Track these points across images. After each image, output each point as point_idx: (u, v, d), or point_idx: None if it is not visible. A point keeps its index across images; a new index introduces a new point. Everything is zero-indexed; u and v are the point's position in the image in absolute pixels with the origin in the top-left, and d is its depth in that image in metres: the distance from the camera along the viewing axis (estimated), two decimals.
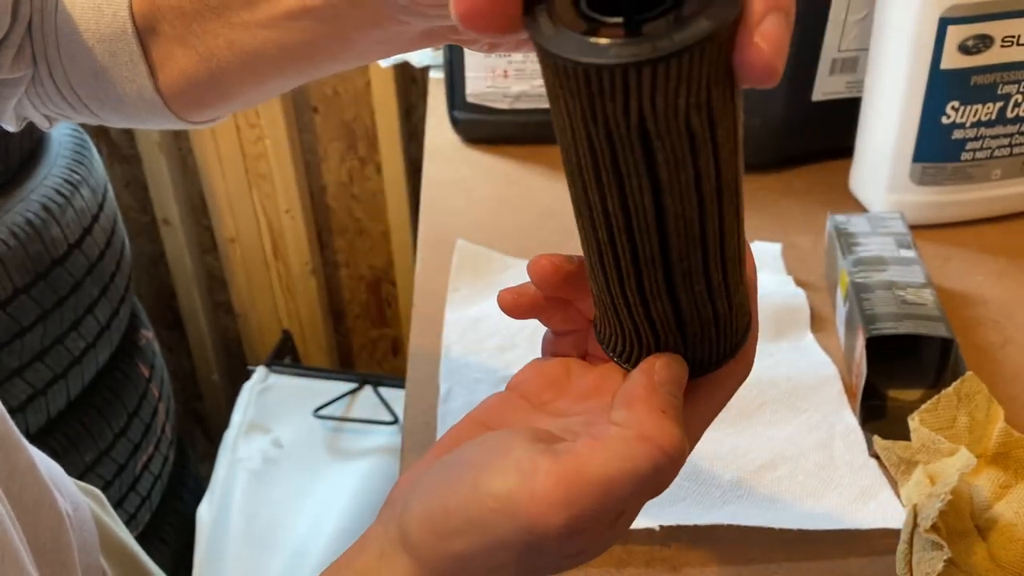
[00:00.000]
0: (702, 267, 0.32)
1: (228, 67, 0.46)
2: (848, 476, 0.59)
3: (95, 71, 0.48)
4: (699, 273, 0.32)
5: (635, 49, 0.26)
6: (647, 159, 0.29)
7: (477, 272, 0.77)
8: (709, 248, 0.32)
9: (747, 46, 0.27)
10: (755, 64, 0.27)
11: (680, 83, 0.27)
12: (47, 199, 1.04)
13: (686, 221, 0.31)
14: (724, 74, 0.28)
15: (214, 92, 0.48)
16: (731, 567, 0.54)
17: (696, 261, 0.32)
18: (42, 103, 0.51)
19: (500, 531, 0.32)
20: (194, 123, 0.51)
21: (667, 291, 0.33)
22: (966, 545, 0.51)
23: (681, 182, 0.30)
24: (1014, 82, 0.76)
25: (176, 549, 1.27)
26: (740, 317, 0.36)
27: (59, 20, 0.47)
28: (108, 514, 0.63)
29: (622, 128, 0.28)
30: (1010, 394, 0.64)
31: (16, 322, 0.99)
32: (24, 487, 0.46)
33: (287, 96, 1.41)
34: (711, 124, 0.28)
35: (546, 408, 0.40)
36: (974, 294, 0.74)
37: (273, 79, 0.47)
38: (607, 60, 0.27)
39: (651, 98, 0.27)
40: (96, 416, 1.12)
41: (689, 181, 0.30)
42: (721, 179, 0.30)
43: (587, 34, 0.28)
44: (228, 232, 1.53)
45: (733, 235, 0.32)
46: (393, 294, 1.64)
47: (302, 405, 1.30)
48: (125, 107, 0.49)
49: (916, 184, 0.80)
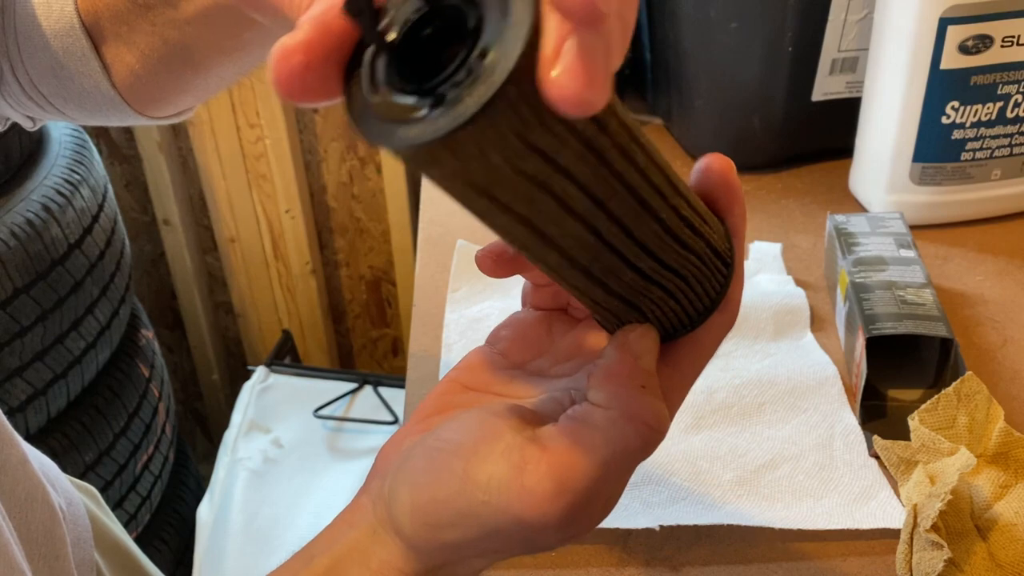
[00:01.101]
0: (643, 249, 0.32)
1: (167, 62, 0.47)
2: (848, 476, 0.59)
3: (53, 68, 0.48)
4: (644, 255, 0.33)
5: (430, 127, 0.25)
6: (529, 194, 0.28)
7: (477, 272, 0.77)
8: (642, 232, 0.32)
9: (546, 83, 0.24)
10: (561, 100, 0.24)
11: (498, 135, 0.25)
12: (47, 199, 1.04)
13: (610, 218, 0.30)
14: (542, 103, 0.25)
15: (160, 87, 0.49)
16: (731, 567, 0.54)
17: (635, 245, 0.32)
18: (14, 102, 0.52)
19: (492, 522, 0.33)
20: (157, 118, 0.52)
21: (627, 271, 0.33)
22: (966, 545, 0.52)
23: (578, 199, 0.29)
24: (1014, 82, 0.76)
25: (176, 549, 1.27)
26: (712, 275, 0.36)
27: (17, 18, 0.48)
28: (103, 510, 0.63)
29: (477, 186, 0.27)
30: (1010, 394, 0.64)
31: (16, 322, 0.99)
32: (16, 481, 0.46)
33: None
34: (559, 148, 0.27)
35: (527, 367, 0.40)
36: (974, 294, 0.75)
37: (214, 71, 0.48)
38: (408, 143, 0.26)
39: (480, 156, 0.26)
40: (96, 416, 1.12)
41: (581, 197, 0.29)
42: (617, 167, 0.29)
43: (392, 108, 0.27)
44: (228, 232, 1.53)
45: (667, 211, 0.32)
46: (393, 294, 1.64)
47: (302, 405, 1.30)
48: (87, 103, 0.50)
49: (916, 184, 0.80)
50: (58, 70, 0.48)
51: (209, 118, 1.40)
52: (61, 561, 0.48)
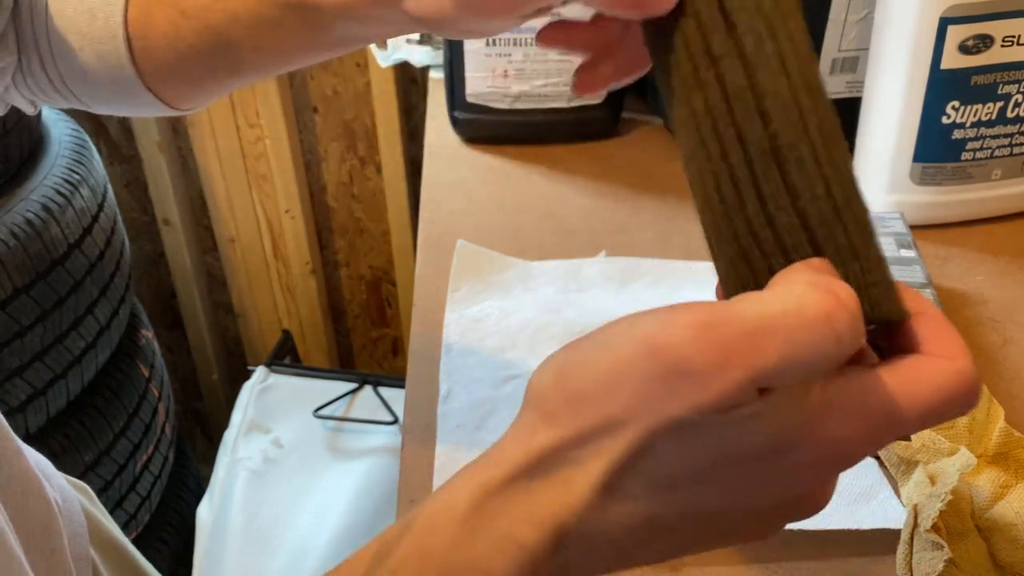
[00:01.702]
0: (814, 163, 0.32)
1: (212, 68, 0.48)
2: (848, 476, 0.59)
3: (86, 72, 0.49)
4: (814, 171, 0.32)
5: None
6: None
7: (477, 272, 0.77)
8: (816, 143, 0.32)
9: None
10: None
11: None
12: (47, 199, 1.04)
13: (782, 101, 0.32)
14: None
15: (200, 88, 0.50)
16: (731, 567, 0.54)
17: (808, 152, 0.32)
18: (34, 92, 0.52)
19: (625, 352, 0.28)
20: (187, 111, 0.53)
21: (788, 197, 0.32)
22: (966, 545, 0.51)
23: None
24: (1014, 82, 0.76)
25: (176, 549, 1.27)
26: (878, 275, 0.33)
27: (51, 19, 0.48)
28: (97, 508, 0.64)
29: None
30: (1010, 394, 0.64)
31: (16, 322, 0.99)
32: (12, 475, 0.46)
33: (287, 96, 1.41)
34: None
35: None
36: (974, 294, 0.74)
37: (258, 73, 0.49)
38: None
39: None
40: (96, 416, 1.12)
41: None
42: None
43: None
44: (228, 232, 1.53)
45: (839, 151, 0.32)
46: (393, 294, 1.64)
47: (302, 405, 1.30)
48: (118, 104, 0.51)
49: (916, 184, 0.80)
50: (90, 75, 0.49)
51: (209, 118, 1.40)
52: (58, 555, 0.48)
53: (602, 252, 0.79)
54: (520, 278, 0.77)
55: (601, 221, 0.85)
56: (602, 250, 0.79)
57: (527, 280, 0.77)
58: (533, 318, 0.72)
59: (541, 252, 0.80)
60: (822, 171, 0.32)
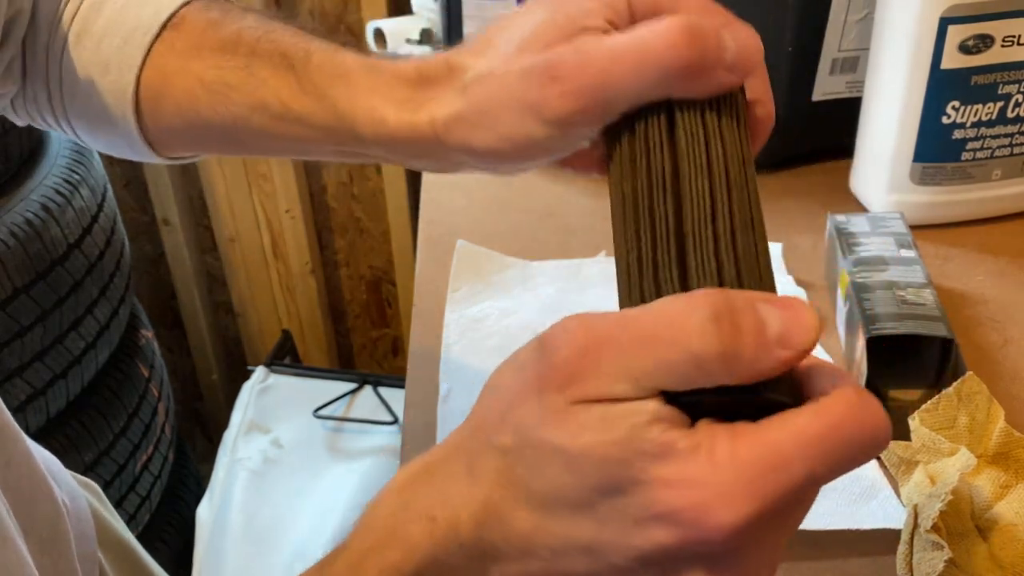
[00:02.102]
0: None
1: (219, 145, 0.50)
2: (848, 476, 0.59)
3: (89, 116, 0.50)
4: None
5: None
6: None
7: (477, 272, 0.77)
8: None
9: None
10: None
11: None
12: (47, 199, 1.04)
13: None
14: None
15: (195, 149, 0.52)
16: None
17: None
18: (32, 116, 0.54)
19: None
20: (176, 161, 0.54)
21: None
22: (966, 545, 0.51)
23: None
24: (1014, 82, 0.76)
25: (176, 549, 1.27)
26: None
27: (65, 62, 0.49)
28: (106, 508, 0.64)
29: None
30: (1010, 394, 0.64)
31: (16, 322, 0.99)
32: (21, 477, 0.46)
33: None
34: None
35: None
36: (974, 294, 0.74)
37: (257, 153, 0.50)
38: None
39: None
40: (96, 416, 1.12)
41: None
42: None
43: None
44: (228, 232, 1.53)
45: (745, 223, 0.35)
46: (393, 294, 1.64)
47: (302, 405, 1.30)
48: (114, 147, 0.53)
49: (916, 184, 0.80)
50: (93, 119, 0.50)
51: None
52: (65, 556, 0.49)
53: (602, 252, 0.79)
54: (520, 278, 0.77)
55: (601, 221, 0.85)
56: (602, 250, 0.79)
57: (527, 280, 0.77)
58: (533, 318, 0.72)
59: (541, 252, 0.80)
60: (719, 255, 0.33)
